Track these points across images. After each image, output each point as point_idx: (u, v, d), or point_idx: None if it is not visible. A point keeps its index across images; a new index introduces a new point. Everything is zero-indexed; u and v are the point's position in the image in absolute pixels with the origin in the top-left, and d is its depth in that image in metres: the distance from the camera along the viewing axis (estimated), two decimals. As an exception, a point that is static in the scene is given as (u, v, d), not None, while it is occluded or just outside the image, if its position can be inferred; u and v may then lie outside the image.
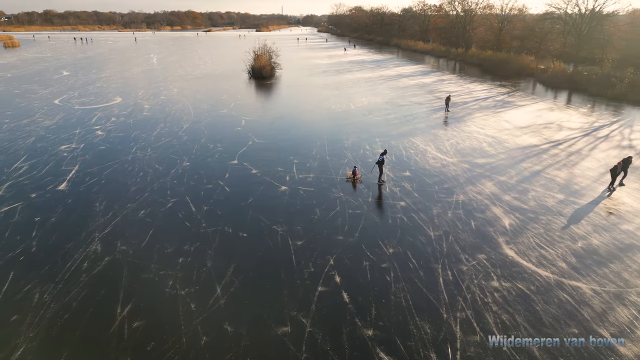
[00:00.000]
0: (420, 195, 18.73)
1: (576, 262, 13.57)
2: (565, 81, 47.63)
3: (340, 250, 14.25)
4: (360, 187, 19.55)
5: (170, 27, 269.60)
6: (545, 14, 60.39)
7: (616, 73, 44.31)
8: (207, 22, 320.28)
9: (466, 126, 30.42)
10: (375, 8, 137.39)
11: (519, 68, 57.54)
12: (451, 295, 11.97)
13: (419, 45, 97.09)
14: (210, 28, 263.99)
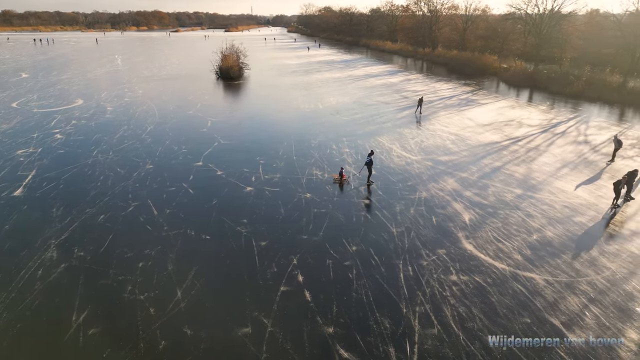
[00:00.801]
0: (384, 193, 19.01)
1: (531, 254, 14.10)
2: (526, 80, 49.28)
3: (304, 249, 14.30)
4: (326, 186, 19.66)
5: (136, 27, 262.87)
6: (506, 15, 62.34)
7: (574, 71, 46.20)
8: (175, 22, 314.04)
9: (431, 124, 31.05)
10: (344, 8, 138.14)
11: (483, 67, 59.12)
12: (411, 290, 12.22)
13: (387, 45, 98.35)
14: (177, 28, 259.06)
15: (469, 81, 52.67)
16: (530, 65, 53.91)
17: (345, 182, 20.17)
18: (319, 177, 20.81)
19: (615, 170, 21.84)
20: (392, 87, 48.50)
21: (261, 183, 19.93)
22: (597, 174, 21.32)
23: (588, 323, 10.93)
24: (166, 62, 73.96)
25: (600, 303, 11.68)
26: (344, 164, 22.46)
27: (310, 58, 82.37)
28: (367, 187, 19.70)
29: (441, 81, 53.37)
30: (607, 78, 42.71)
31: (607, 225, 16.11)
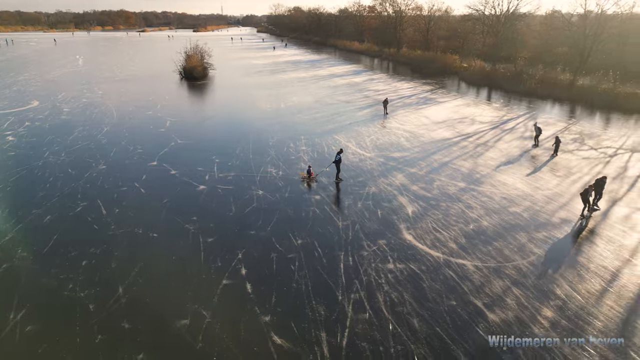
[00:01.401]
0: (335, 189, 19.63)
1: (465, 243, 14.95)
2: (484, 79, 51.07)
3: (250, 244, 14.70)
4: (279, 183, 20.08)
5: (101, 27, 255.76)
6: (465, 16, 64.31)
7: (528, 70, 48.16)
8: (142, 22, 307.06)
9: (388, 122, 31.93)
10: (312, 8, 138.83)
11: (444, 67, 60.81)
12: (349, 278, 12.80)
13: (355, 45, 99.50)
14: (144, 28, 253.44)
15: (429, 80, 54.11)
16: (488, 65, 55.80)
17: (314, 180, 20.46)
18: (274, 174, 21.22)
19: (556, 164, 23.17)
20: (355, 86, 49.33)
21: (215, 181, 20.18)
22: (537, 167, 22.56)
23: (508, 303, 11.77)
24: (129, 63, 72.71)
25: (522, 285, 12.56)
26: (300, 162, 22.95)
27: (277, 58, 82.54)
28: (335, 184, 20.16)
29: (403, 80, 54.64)
30: (558, 76, 44.78)
31: (538, 214, 17.14)
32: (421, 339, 10.46)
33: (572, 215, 17.03)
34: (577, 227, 16.08)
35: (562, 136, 26.88)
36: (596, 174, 21.32)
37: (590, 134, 28.89)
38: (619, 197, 18.78)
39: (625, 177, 21.10)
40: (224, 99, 42.66)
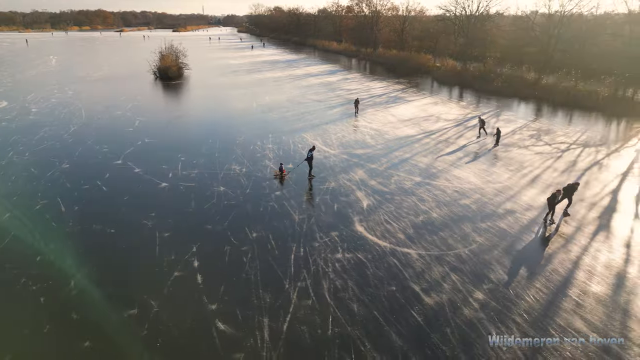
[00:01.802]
0: (295, 185, 20.16)
1: (413, 233, 15.68)
2: (454, 78, 52.32)
3: (206, 238, 15.16)
4: (241, 179, 20.53)
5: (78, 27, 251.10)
6: (438, 16, 65.66)
7: (496, 70, 49.55)
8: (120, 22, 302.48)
9: (356, 121, 32.63)
10: (292, 8, 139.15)
11: (418, 66, 62.01)
12: (298, 268, 13.38)
13: (333, 45, 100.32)
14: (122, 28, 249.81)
15: (402, 80, 55.11)
16: (460, 64, 57.11)
17: (286, 177, 20.93)
18: (237, 172, 21.66)
19: (511, 159, 24.14)
20: (329, 86, 49.98)
21: (177, 179, 20.53)
22: (492, 162, 23.50)
23: (444, 288, 12.52)
24: (104, 63, 71.98)
25: (460, 271, 13.34)
26: (265, 160, 23.45)
27: (255, 58, 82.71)
28: (308, 181, 20.69)
29: (376, 80, 55.53)
30: (524, 75, 46.21)
31: (486, 205, 18.01)
32: (358, 321, 11.10)
33: (517, 206, 17.95)
34: (520, 218, 16.93)
35: (520, 132, 27.99)
36: (546, 167, 22.41)
37: (547, 130, 30.09)
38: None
39: (573, 170, 22.19)
40: (197, 98, 42.87)
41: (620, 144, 26.75)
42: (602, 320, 11.10)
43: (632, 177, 21.24)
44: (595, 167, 22.62)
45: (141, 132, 28.58)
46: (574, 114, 35.70)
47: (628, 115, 33.90)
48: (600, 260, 13.89)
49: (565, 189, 16.48)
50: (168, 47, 58.75)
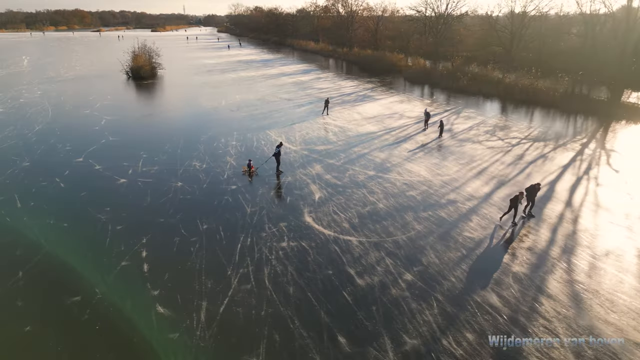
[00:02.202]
0: (253, 179, 20.81)
1: (357, 222, 16.53)
2: (424, 77, 53.57)
3: (157, 230, 15.73)
4: (200, 175, 21.10)
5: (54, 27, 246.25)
6: (408, 16, 67.06)
7: (463, 68, 50.98)
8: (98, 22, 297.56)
9: (321, 119, 33.42)
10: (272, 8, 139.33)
11: (390, 65, 63.13)
12: (242, 256, 14.08)
13: (310, 45, 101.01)
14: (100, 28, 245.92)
15: (374, 79, 56.15)
16: (430, 64, 58.47)
17: (255, 173, 21.50)
18: (197, 167, 22.22)
19: (463, 153, 25.19)
20: (301, 84, 50.68)
21: (137, 175, 21.00)
22: (444, 157, 24.54)
23: (377, 271, 13.39)
24: (77, 63, 71.30)
25: (394, 255, 14.23)
26: (226, 156, 24.06)
27: (231, 58, 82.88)
28: (276, 176, 21.33)
29: (348, 79, 56.46)
30: (488, 74, 47.71)
31: (431, 196, 18.98)
32: (292, 302, 11.87)
33: (460, 197, 18.98)
34: (460, 207, 17.95)
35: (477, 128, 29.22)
36: (494, 161, 23.56)
37: (503, 126, 31.39)
38: (507, 179, 20.89)
39: (519, 163, 23.38)
40: (166, 97, 43.13)
41: (567, 139, 28.12)
42: (516, 297, 12.09)
43: (572, 169, 22.52)
44: (540, 159, 23.87)
45: (106, 130, 28.85)
46: (531, 110, 37.20)
47: (581, 112, 35.48)
48: (525, 244, 14.95)
49: (528, 190, 16.54)
50: (141, 47, 58.62)
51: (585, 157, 24.30)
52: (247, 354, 10.01)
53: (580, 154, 24.98)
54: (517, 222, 16.35)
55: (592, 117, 34.24)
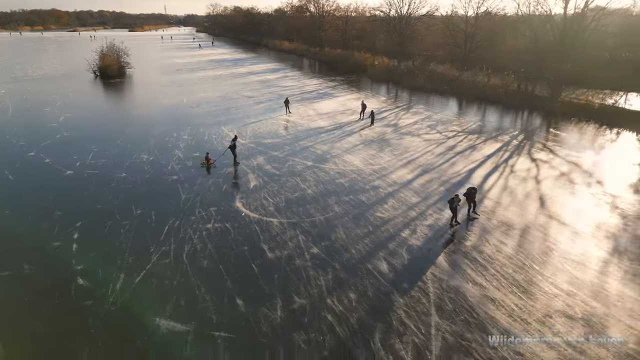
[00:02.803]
0: (195, 170, 22.11)
1: (283, 206, 17.97)
2: (386, 75, 55.40)
3: (93, 215, 16.92)
4: (145, 167, 22.28)
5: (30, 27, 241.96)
6: (372, 16, 68.95)
7: (423, 67, 52.94)
8: (75, 22, 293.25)
9: (278, 115, 34.79)
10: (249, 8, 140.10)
11: (357, 64, 64.78)
12: (167, 237, 15.37)
13: (284, 45, 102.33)
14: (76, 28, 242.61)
15: (339, 77, 57.75)
16: (394, 62, 60.35)
17: (213, 165, 22.69)
18: (144, 160, 23.39)
19: (399, 145, 26.81)
20: (266, 83, 51.98)
21: (84, 167, 22.09)
22: (381, 148, 26.14)
23: (289, 246, 14.85)
24: (46, 63, 71.26)
25: (308, 233, 15.72)
26: (175, 149, 25.24)
27: (203, 57, 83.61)
28: (234, 167, 22.52)
29: (314, 78, 57.97)
30: (445, 72, 49.75)
31: (357, 183, 20.54)
32: (203, 273, 13.26)
33: (384, 183, 20.58)
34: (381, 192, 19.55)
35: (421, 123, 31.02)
36: (425, 152, 25.32)
37: (446, 120, 33.25)
38: (432, 168, 22.62)
39: (447, 154, 25.16)
40: (130, 95, 43.99)
41: (500, 132, 30.09)
42: (404, 264, 13.71)
43: (494, 157, 24.38)
44: (468, 150, 25.70)
45: (63, 126, 29.75)
46: (476, 106, 39.23)
47: (523, 107, 37.63)
48: (427, 221, 16.63)
49: (466, 194, 16.75)
50: (110, 47, 59.16)
51: (510, 148, 26.23)
52: (155, 315, 11.35)
53: (507, 145, 26.92)
54: (460, 222, 16.45)
55: (531, 112, 36.43)
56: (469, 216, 17.00)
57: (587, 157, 24.79)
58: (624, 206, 18.11)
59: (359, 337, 10.67)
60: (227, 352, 10.19)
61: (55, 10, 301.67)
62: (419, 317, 11.35)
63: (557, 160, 24.00)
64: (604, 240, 15.35)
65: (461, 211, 16.97)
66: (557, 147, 26.38)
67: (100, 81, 52.61)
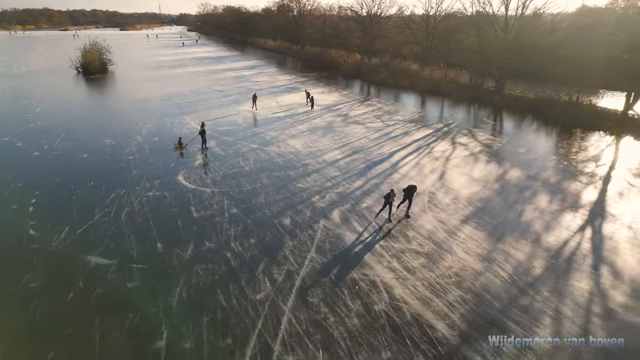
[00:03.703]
0: (150, 150, 24.84)
1: (219, 180, 20.74)
2: (355, 71, 58.37)
3: (52, 187, 19.65)
4: (106, 149, 25.00)
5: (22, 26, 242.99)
6: (344, 16, 72.00)
7: (388, 64, 55.88)
8: (68, 21, 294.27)
9: (240, 106, 37.54)
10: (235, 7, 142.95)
11: (331, 61, 67.64)
12: (112, 202, 18.10)
13: (269, 43, 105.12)
14: (67, 27, 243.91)
15: (312, 73, 60.61)
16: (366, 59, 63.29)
17: (185, 149, 25.31)
18: (106, 144, 26.08)
19: (342, 131, 29.61)
20: (240, 78, 54.75)
21: (51, 149, 24.79)
22: (324, 134, 28.93)
23: (214, 208, 17.64)
24: (32, 60, 73.61)
25: (233, 199, 18.51)
26: (137, 135, 27.92)
27: (186, 55, 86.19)
28: (204, 151, 25.00)
29: (287, 74, 60.80)
30: (407, 68, 52.75)
31: (291, 162, 23.34)
32: (135, 227, 16.03)
33: (314, 162, 23.41)
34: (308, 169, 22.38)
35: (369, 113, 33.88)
36: (362, 137, 28.16)
37: (393, 111, 36.22)
38: (361, 150, 25.49)
39: (381, 138, 28.06)
40: (107, 90, 46.58)
41: (436, 121, 33.05)
42: (304, 220, 16.55)
43: (421, 142, 27.30)
44: (400, 136, 28.62)
45: (38, 117, 32.40)
46: (428, 99, 42.22)
47: (469, 100, 40.66)
48: (338, 189, 19.49)
49: (405, 190, 16.82)
50: (92, 44, 61.71)
51: (438, 134, 29.22)
52: (88, 254, 14.10)
53: (437, 131, 29.91)
54: (392, 220, 16.72)
55: (475, 104, 39.46)
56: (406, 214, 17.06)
57: (501, 140, 27.78)
58: (486, 176, 21.08)
59: (247, 266, 13.52)
60: (139, 276, 12.99)
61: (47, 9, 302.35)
62: (300, 254, 14.23)
63: (473, 143, 27.03)
64: (476, 202, 18.32)
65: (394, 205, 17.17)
66: (479, 133, 29.41)
67: (82, 77, 55.03)
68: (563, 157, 24.91)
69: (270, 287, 12.51)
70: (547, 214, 17.41)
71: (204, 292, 12.24)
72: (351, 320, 11.18)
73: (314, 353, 10.12)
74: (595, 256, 14.30)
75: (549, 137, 29.63)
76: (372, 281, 12.84)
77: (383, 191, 19.19)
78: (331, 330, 10.83)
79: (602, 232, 16.01)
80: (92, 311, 11.41)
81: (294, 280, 12.84)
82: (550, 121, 32.83)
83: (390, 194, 16.31)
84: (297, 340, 10.47)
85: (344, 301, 11.92)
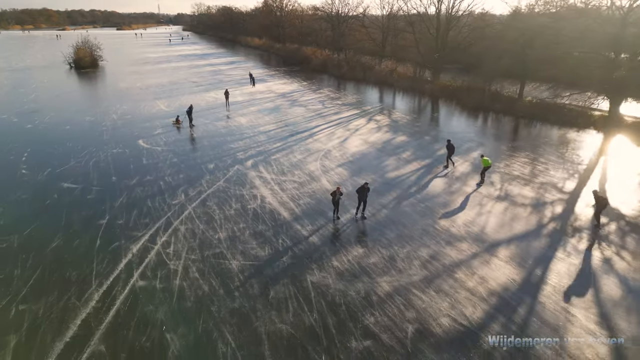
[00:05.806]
0: (122, 126, 30.84)
1: (170, 142, 26.75)
2: (323, 66, 64.35)
3: (39, 147, 25.67)
4: (85, 123, 31.01)
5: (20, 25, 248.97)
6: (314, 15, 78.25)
7: (351, 59, 61.95)
8: (66, 21, 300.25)
9: (206, 94, 43.53)
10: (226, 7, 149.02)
11: (305, 57, 73.60)
12: (84, 155, 24.13)
13: (255, 41, 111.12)
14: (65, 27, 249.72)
15: (283, 68, 66.63)
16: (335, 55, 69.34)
17: (181, 125, 30.94)
18: (87, 120, 32.11)
19: (287, 114, 35.64)
20: (216, 72, 60.72)
21: (41, 124, 30.82)
22: (270, 113, 34.87)
23: (160, 158, 23.71)
24: (29, 57, 79.54)
25: (176, 154, 24.56)
26: (112, 114, 33.90)
27: (174, 52, 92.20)
28: (189, 127, 30.60)
29: (261, 68, 66.80)
30: (366, 62, 58.84)
31: (233, 134, 29.38)
32: (98, 169, 22.08)
33: (252, 132, 29.42)
34: (247, 142, 28.41)
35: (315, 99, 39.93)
36: (299, 116, 34.18)
37: (337, 97, 42.27)
38: (292, 124, 31.53)
39: (313, 117, 34.07)
40: (95, 81, 52.61)
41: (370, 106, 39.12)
42: (226, 166, 22.63)
43: (344, 119, 33.35)
44: (330, 115, 34.68)
45: (32, 101, 38.44)
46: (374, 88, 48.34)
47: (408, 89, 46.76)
48: (258, 149, 25.55)
49: (358, 191, 16.34)
50: (84, 42, 67.88)
51: (361, 114, 35.23)
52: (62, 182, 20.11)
53: (362, 112, 35.92)
54: (340, 217, 16.74)
55: (411, 93, 45.60)
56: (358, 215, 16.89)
57: (409, 118, 33.92)
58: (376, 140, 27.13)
59: (172, 188, 19.60)
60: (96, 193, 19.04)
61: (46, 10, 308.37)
62: (212, 183, 20.34)
63: (386, 120, 33.14)
64: (357, 155, 24.40)
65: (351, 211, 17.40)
66: (396, 113, 35.56)
67: (74, 71, 61.02)
68: (445, 128, 31.01)
69: (184, 198, 18.61)
70: (404, 162, 23.51)
71: (139, 201, 18.32)
72: (229, 211, 17.28)
73: (198, 225, 16.19)
74: (418, 187, 20.39)
75: (451, 116, 35.76)
76: (254, 194, 18.96)
77: (295, 150, 25.22)
78: (213, 215, 16.93)
79: (432, 174, 22.08)
80: (62, 209, 17.48)
81: (201, 195, 18.93)
82: (464, 104, 38.89)
83: (337, 192, 15.96)
84: (190, 220, 16.55)
85: (230, 204, 18.02)
